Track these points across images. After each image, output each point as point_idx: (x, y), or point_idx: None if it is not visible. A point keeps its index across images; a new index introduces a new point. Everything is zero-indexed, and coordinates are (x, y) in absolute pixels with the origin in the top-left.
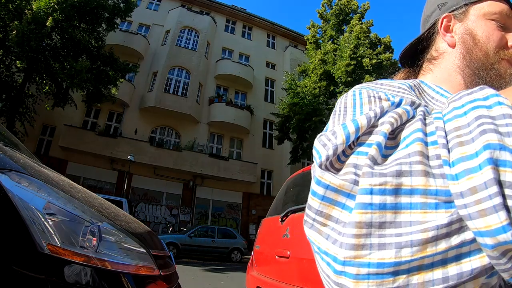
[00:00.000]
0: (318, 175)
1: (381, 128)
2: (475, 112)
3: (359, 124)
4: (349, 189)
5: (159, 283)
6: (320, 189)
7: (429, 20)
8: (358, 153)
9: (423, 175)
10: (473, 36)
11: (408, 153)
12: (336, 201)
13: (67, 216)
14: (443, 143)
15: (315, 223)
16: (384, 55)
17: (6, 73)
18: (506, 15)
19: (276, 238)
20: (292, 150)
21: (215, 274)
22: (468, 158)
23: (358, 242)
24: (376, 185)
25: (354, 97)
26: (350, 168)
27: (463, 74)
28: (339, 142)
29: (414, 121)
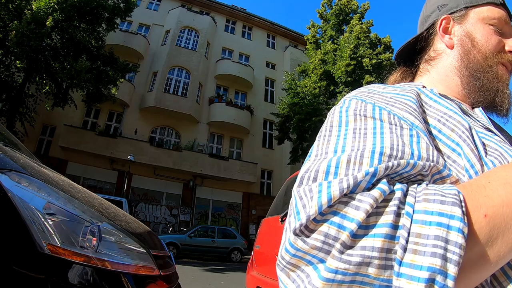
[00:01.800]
0: (292, 240)
1: (357, 215)
2: (437, 230)
3: (332, 195)
4: (315, 253)
5: (159, 283)
6: (292, 250)
7: (428, 20)
8: (331, 223)
9: (377, 268)
10: (472, 38)
11: (373, 246)
12: (303, 258)
13: (67, 216)
14: (402, 244)
15: (285, 268)
16: (384, 55)
17: (6, 73)
18: (504, 21)
19: (276, 238)
20: (292, 150)
21: (215, 274)
22: (414, 267)
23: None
24: (341, 268)
25: (341, 114)
26: (320, 236)
27: (460, 75)
28: (311, 212)
29: (389, 212)
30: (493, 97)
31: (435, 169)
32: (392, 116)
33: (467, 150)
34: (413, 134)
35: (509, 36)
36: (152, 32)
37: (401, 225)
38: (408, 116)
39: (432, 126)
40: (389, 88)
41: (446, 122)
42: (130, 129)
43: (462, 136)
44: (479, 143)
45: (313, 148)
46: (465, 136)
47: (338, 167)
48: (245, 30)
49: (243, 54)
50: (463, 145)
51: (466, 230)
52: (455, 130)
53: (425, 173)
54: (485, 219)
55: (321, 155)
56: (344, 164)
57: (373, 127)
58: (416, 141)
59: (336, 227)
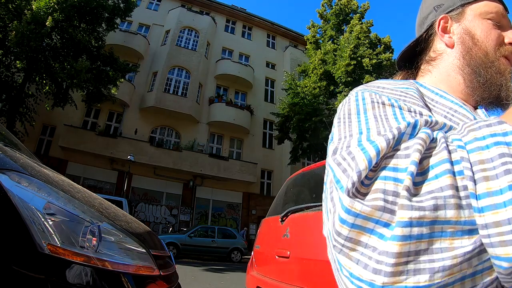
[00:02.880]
0: (348, 205)
1: (412, 156)
2: (497, 149)
3: (379, 147)
4: (378, 216)
5: (159, 283)
6: (350, 217)
7: (426, 22)
8: (385, 178)
9: (455, 208)
10: (472, 35)
11: (440, 186)
12: (365, 228)
13: (67, 216)
14: (469, 176)
15: (344, 248)
16: (384, 55)
17: (6, 73)
18: (501, 14)
19: (276, 238)
20: (292, 150)
21: (215, 274)
22: (493, 194)
23: (397, 270)
24: (415, 218)
25: (357, 102)
26: (378, 194)
27: (462, 73)
28: (362, 167)
29: (440, 150)
30: (498, 92)
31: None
32: (408, 106)
33: None
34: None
35: (507, 28)
36: (152, 32)
37: (459, 159)
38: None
39: None
40: (396, 83)
41: (452, 117)
42: (130, 129)
43: None
44: None
45: (334, 134)
46: None
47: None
48: (245, 30)
49: (243, 54)
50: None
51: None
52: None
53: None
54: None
55: (345, 138)
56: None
57: (393, 113)
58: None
59: (392, 181)
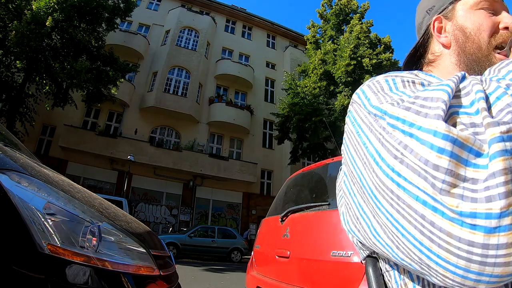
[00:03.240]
0: (445, 129)
1: (474, 89)
2: None
3: (451, 86)
4: (472, 143)
5: (159, 283)
6: (449, 144)
7: (422, 27)
8: (458, 113)
9: None
10: (463, 30)
11: (507, 103)
12: (461, 158)
13: (67, 216)
14: None
15: (445, 185)
16: (384, 55)
17: (6, 73)
18: (493, 0)
19: (276, 238)
20: (292, 150)
21: (215, 274)
22: None
23: (509, 188)
24: (505, 132)
25: (388, 82)
26: (460, 126)
27: (459, 70)
28: (445, 98)
29: (489, 83)
30: None
31: None
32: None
33: None
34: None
35: (501, 12)
36: (152, 32)
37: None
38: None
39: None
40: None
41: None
42: (130, 129)
43: None
44: None
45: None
46: None
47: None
48: (245, 30)
49: (243, 54)
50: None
51: None
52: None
53: None
54: None
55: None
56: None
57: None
58: None
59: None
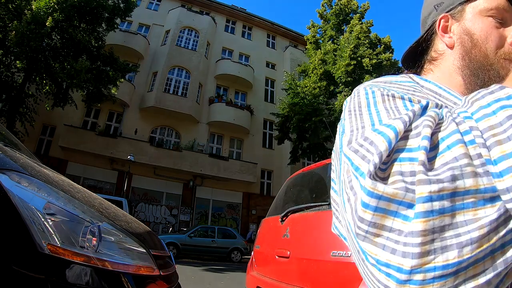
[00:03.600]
0: (370, 187)
1: (422, 132)
2: (504, 112)
3: (397, 129)
4: (401, 197)
5: (159, 283)
6: (373, 200)
7: (427, 21)
8: (400, 159)
9: (473, 177)
10: (471, 36)
11: (454, 157)
12: (388, 210)
13: (67, 216)
14: (481, 143)
15: (368, 234)
16: (384, 55)
17: (6, 73)
18: (503, 9)
19: (276, 238)
20: (292, 150)
21: (215, 274)
22: (509, 156)
23: (424, 249)
24: (435, 191)
25: (367, 96)
26: (397, 176)
27: (462, 74)
28: (382, 149)
29: (448, 123)
30: None
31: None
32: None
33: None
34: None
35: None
36: (152, 32)
37: (468, 128)
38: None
39: None
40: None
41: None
42: (130, 129)
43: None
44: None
45: (345, 126)
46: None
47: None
48: (245, 30)
49: (243, 54)
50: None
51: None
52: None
53: None
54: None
55: (357, 130)
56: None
57: (404, 106)
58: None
59: (408, 161)
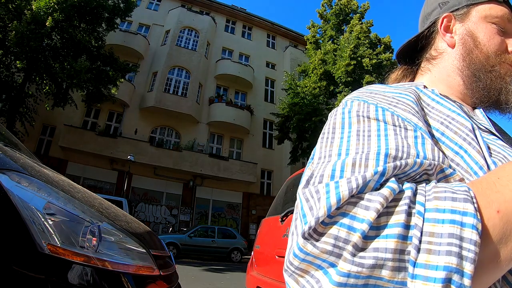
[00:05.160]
0: (301, 244)
1: (368, 214)
2: (450, 228)
3: (341, 196)
4: (325, 257)
5: (159, 283)
6: (302, 254)
7: (429, 18)
8: (341, 224)
9: (391, 270)
10: (474, 37)
11: (386, 248)
12: (313, 263)
13: (67, 216)
14: (415, 244)
15: (294, 274)
16: (384, 55)
17: (6, 73)
18: (507, 19)
19: (276, 238)
20: (292, 150)
21: (215, 274)
22: (429, 267)
23: None
24: (354, 271)
25: (343, 115)
26: (330, 239)
27: (462, 75)
28: (320, 214)
29: (400, 211)
30: (497, 96)
31: (439, 168)
32: (396, 117)
33: (474, 152)
34: (417, 136)
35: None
36: (152, 32)
37: (413, 224)
38: (411, 117)
39: (435, 129)
40: (390, 88)
41: (449, 125)
42: (130, 129)
43: (466, 139)
44: (483, 145)
45: (316, 151)
46: (469, 139)
47: (343, 170)
48: (245, 30)
49: (243, 54)
50: (468, 147)
51: (480, 227)
52: (459, 133)
53: (431, 172)
54: (498, 215)
55: (325, 158)
56: (350, 167)
57: (377, 129)
58: (421, 143)
59: (346, 229)
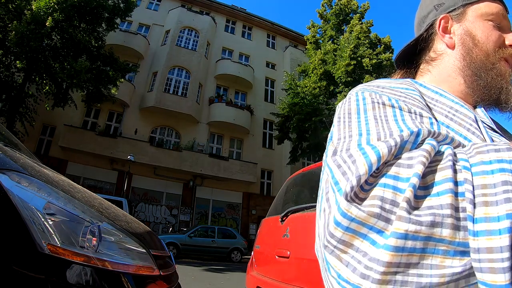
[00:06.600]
0: (345, 208)
1: (415, 167)
2: (502, 176)
3: (381, 153)
4: (373, 223)
5: (159, 283)
6: (345, 221)
7: (425, 21)
8: (385, 185)
9: (451, 228)
10: (473, 37)
11: (440, 204)
12: (358, 232)
13: (67, 216)
14: (470, 198)
15: (336, 249)
16: (384, 55)
17: (6, 73)
18: (502, 15)
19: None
20: (292, 150)
21: (215, 274)
22: (490, 220)
23: (385, 278)
24: (411, 231)
25: (358, 102)
26: (375, 200)
27: (463, 74)
28: (362, 172)
29: (445, 167)
30: (498, 95)
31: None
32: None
33: (478, 141)
34: (433, 122)
35: (507, 30)
36: (152, 32)
37: (462, 180)
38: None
39: (441, 123)
40: (395, 82)
41: (453, 117)
42: (130, 129)
43: (470, 129)
44: (487, 136)
45: (333, 133)
46: (473, 129)
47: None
48: (245, 30)
49: (243, 54)
50: (473, 137)
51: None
52: (463, 124)
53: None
54: None
55: (345, 138)
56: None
57: (393, 114)
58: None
59: (391, 189)
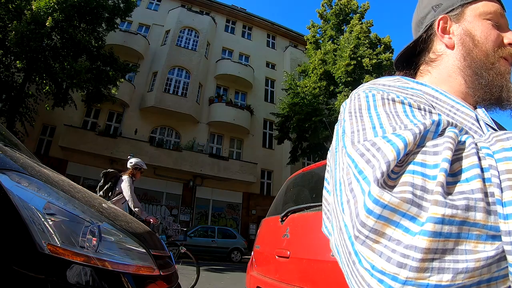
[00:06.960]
0: (377, 195)
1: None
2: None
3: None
4: (406, 209)
5: (159, 283)
6: (378, 208)
7: (424, 22)
8: (414, 172)
9: (484, 212)
10: (472, 36)
11: (471, 189)
12: (391, 220)
13: (67, 216)
14: (497, 183)
15: (368, 240)
16: (384, 55)
17: (6, 73)
18: (499, 14)
19: (276, 238)
20: (292, 150)
21: (215, 274)
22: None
23: (423, 266)
24: (448, 215)
25: (367, 99)
26: (406, 187)
27: (464, 75)
28: (391, 158)
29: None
30: (499, 93)
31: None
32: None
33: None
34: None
35: (506, 28)
36: (152, 32)
37: (487, 166)
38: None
39: None
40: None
41: (455, 116)
42: (130, 129)
43: (472, 128)
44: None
45: (346, 128)
46: (475, 128)
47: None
48: (245, 30)
49: (243, 54)
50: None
51: None
52: (464, 123)
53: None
54: None
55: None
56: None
57: (404, 110)
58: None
59: (420, 176)
